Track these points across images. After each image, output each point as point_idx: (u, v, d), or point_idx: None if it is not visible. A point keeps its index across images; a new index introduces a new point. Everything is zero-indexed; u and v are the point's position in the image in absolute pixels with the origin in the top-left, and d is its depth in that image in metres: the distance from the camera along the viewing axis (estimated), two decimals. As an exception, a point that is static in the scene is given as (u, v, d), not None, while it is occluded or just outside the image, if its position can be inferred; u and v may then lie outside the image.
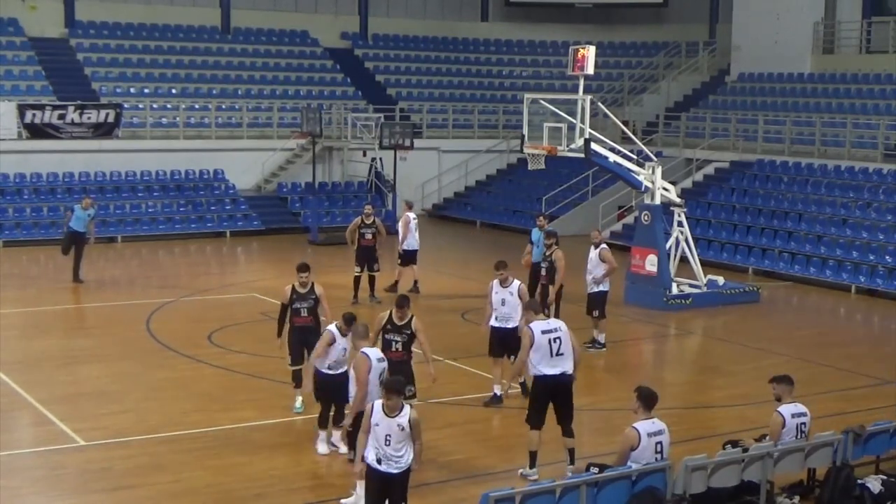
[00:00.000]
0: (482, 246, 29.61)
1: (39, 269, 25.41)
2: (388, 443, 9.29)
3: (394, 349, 12.31)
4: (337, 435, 12.32)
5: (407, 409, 9.41)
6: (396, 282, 21.85)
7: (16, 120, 30.06)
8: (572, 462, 11.54)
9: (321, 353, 12.09)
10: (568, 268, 20.11)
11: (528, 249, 19.71)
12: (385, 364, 11.12)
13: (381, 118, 33.16)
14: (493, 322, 14.50)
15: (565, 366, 11.41)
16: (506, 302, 14.33)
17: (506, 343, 14.33)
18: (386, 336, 12.42)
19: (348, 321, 12.00)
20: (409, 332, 12.42)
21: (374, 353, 11.23)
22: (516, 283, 14.49)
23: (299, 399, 13.70)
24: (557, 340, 11.38)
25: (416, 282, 22.05)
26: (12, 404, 14.18)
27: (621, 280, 21.34)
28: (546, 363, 11.33)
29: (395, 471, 9.37)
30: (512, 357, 13.94)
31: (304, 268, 13.80)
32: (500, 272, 14.42)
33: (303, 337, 13.50)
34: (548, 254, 17.44)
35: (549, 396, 11.47)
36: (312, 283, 13.75)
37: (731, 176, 30.67)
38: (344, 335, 12.05)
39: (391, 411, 9.32)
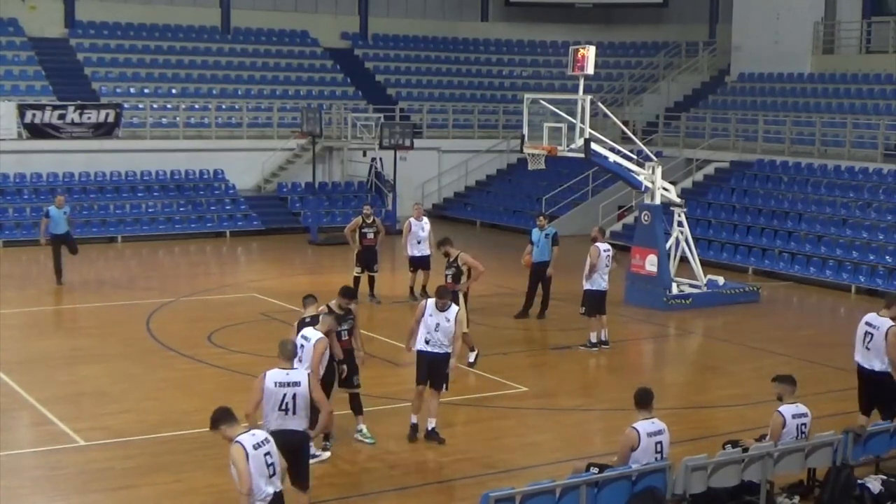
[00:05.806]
0: (482, 246, 29.56)
1: (39, 269, 25.35)
2: None
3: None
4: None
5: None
6: (411, 287, 21.26)
7: (16, 120, 30.04)
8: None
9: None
10: (563, 268, 20.17)
11: (528, 249, 19.70)
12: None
13: (381, 118, 33.19)
14: (422, 346, 12.83)
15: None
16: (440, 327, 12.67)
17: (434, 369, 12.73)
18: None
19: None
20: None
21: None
22: (454, 308, 12.86)
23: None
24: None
25: (423, 287, 20.95)
26: (12, 404, 14.18)
27: (621, 280, 21.35)
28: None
29: None
30: (445, 385, 12.85)
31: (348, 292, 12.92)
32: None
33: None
34: (452, 259, 16.85)
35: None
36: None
37: (731, 176, 30.66)
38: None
39: None
